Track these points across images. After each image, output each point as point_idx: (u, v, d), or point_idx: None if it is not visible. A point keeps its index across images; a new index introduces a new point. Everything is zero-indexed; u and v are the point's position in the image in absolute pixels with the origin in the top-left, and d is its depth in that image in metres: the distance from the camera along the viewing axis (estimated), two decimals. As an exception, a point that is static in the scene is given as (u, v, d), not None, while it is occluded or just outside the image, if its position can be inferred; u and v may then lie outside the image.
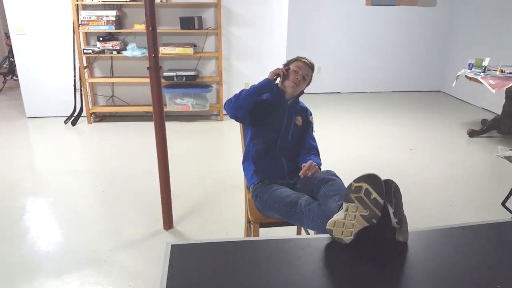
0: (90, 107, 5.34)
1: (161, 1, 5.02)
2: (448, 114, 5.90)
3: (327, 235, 1.40)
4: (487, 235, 1.45)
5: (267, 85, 2.23)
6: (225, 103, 2.26)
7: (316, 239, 1.42)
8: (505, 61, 4.85)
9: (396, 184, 1.34)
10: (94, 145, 4.65)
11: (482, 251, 1.35)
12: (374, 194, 1.30)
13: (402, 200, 1.37)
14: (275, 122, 2.29)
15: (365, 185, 1.32)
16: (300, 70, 2.27)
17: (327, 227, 1.38)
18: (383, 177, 1.35)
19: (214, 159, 4.28)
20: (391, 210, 1.31)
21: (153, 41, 2.46)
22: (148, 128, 5.00)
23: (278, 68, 2.29)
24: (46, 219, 3.04)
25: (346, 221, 1.33)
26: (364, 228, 1.33)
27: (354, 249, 1.34)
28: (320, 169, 2.16)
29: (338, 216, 1.37)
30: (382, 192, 1.31)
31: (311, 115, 2.43)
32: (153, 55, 2.47)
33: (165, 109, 5.21)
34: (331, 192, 1.77)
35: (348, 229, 1.33)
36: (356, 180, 1.35)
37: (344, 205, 1.37)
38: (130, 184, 3.62)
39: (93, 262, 2.54)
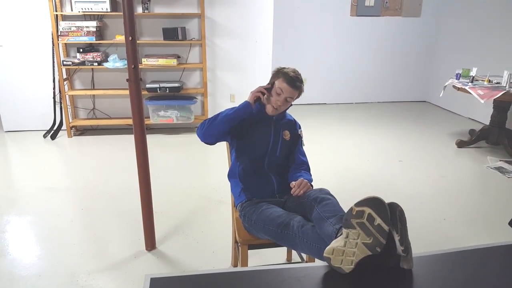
0: (70, 120, 5.16)
1: (144, 12, 4.90)
2: (435, 124, 5.85)
3: (324, 263, 1.27)
4: (497, 259, 1.34)
5: (244, 109, 2.03)
6: (198, 126, 2.09)
7: (313, 268, 1.28)
8: (490, 71, 4.82)
9: (401, 208, 1.22)
10: (74, 160, 4.47)
11: (493, 276, 1.24)
12: (378, 220, 1.17)
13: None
14: (261, 138, 2.15)
15: (368, 210, 1.19)
16: (283, 92, 2.05)
17: (325, 255, 1.25)
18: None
19: (199, 173, 4.13)
20: (397, 238, 1.18)
21: (132, 51, 2.33)
22: (130, 141, 4.79)
23: (259, 90, 2.06)
24: (22, 240, 2.86)
25: (346, 249, 1.20)
26: (366, 256, 1.20)
27: (355, 278, 1.21)
28: (312, 186, 2.03)
29: (337, 243, 1.24)
30: (387, 218, 1.18)
31: (299, 128, 2.29)
32: (133, 66, 2.34)
33: (148, 122, 5.10)
34: (326, 214, 1.63)
35: (348, 257, 1.20)
36: (357, 204, 1.22)
37: (344, 231, 1.24)
38: (111, 201, 3.45)
39: (70, 287, 2.37)
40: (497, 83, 4.51)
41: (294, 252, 2.58)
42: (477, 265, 1.31)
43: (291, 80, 2.05)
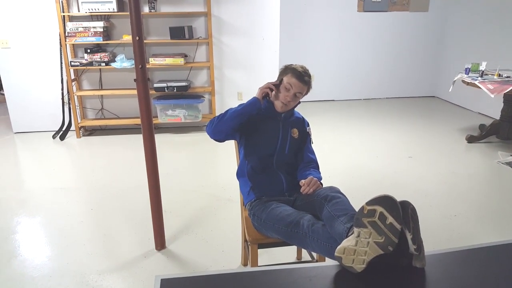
0: (79, 120, 5.19)
1: (150, 11, 4.90)
2: (445, 119, 5.80)
3: (335, 262, 1.26)
4: (510, 256, 1.31)
5: (253, 105, 2.03)
6: (208, 123, 2.08)
7: (324, 267, 1.27)
8: (500, 65, 4.76)
9: (413, 206, 1.20)
10: (83, 160, 4.49)
11: (506, 274, 1.22)
12: (390, 219, 1.15)
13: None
14: (269, 137, 2.14)
15: (379, 209, 1.17)
16: (292, 88, 2.05)
17: (336, 254, 1.23)
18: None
19: (207, 172, 4.13)
20: (409, 236, 1.17)
21: (139, 51, 2.32)
22: (139, 141, 4.83)
23: (268, 86, 2.07)
24: (32, 241, 2.87)
25: (357, 248, 1.19)
26: (378, 255, 1.18)
27: (367, 278, 1.19)
28: (321, 184, 2.01)
29: (348, 242, 1.22)
30: (399, 216, 1.16)
31: (308, 125, 2.28)
32: (140, 66, 2.33)
33: (156, 121, 5.11)
34: (336, 212, 1.62)
35: (360, 257, 1.18)
36: (369, 203, 1.20)
37: (355, 230, 1.22)
38: (121, 201, 3.46)
39: (81, 287, 2.38)
40: (507, 77, 4.46)
41: (304, 251, 2.56)
42: (490, 262, 1.28)
43: (300, 75, 2.05)
